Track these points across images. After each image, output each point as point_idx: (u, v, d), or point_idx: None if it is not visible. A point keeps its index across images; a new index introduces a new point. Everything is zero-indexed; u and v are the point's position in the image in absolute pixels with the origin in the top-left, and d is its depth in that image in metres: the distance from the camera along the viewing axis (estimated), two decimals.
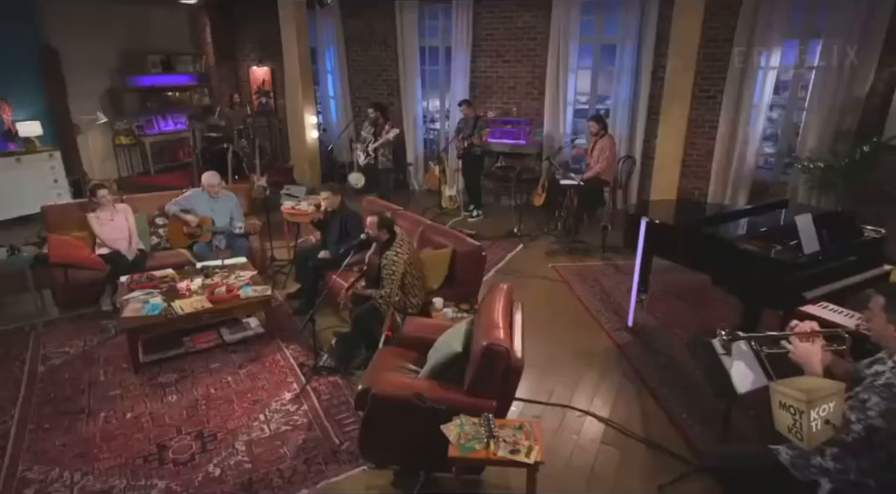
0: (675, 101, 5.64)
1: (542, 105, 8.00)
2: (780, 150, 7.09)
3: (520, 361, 2.74)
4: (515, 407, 3.44)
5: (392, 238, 3.83)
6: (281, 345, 4.32)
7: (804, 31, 6.51)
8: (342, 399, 3.63)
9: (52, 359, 4.14)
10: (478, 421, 2.63)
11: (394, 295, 3.64)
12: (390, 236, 3.84)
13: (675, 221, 4.43)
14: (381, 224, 3.82)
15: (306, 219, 5.62)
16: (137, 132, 9.31)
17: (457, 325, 3.22)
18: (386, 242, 3.84)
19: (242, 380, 3.86)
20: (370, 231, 3.89)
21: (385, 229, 3.83)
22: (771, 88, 6.76)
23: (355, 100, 9.43)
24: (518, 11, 7.83)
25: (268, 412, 3.51)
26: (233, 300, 4.22)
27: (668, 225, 4.23)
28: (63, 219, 5.18)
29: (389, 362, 3.29)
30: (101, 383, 3.84)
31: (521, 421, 2.69)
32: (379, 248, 3.92)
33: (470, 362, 2.82)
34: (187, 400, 3.64)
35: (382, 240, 3.85)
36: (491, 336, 2.76)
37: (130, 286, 4.40)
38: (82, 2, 8.32)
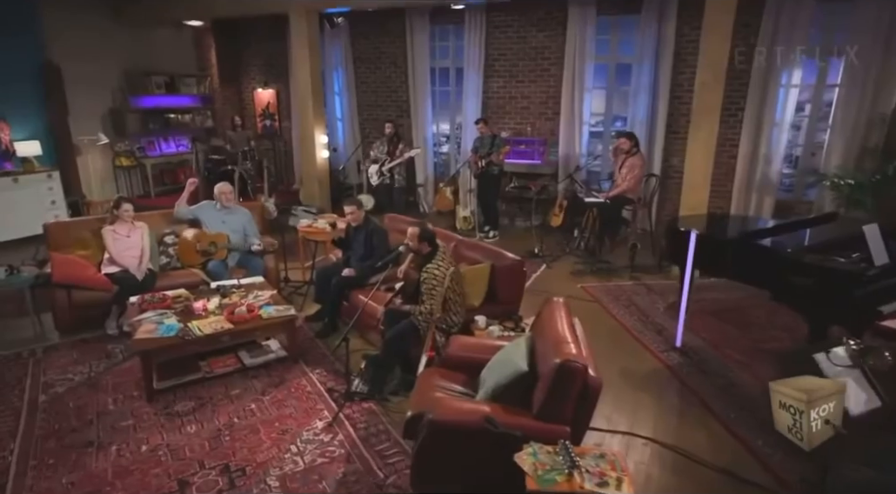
0: (704, 115, 5.49)
1: (555, 125, 7.87)
2: (803, 169, 6.97)
3: (597, 380, 2.47)
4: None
5: (434, 251, 3.56)
6: (305, 369, 3.99)
7: (824, 50, 6.46)
8: (380, 427, 3.30)
9: (55, 387, 3.78)
10: (552, 450, 2.33)
11: (436, 312, 3.35)
12: (432, 249, 3.57)
13: (730, 234, 4.20)
14: (423, 236, 3.55)
15: (325, 237, 5.35)
16: (139, 154, 9.04)
17: (513, 343, 2.94)
18: (427, 255, 3.57)
19: (267, 408, 3.52)
20: (410, 242, 3.62)
21: (426, 241, 3.56)
22: (793, 106, 6.68)
23: (363, 121, 9.27)
24: (531, 32, 7.77)
25: (300, 442, 3.17)
26: (254, 320, 3.91)
27: (720, 238, 4.01)
28: (67, 236, 4.86)
29: (436, 385, 2.99)
30: (111, 412, 3.49)
31: (600, 450, 2.39)
32: (418, 262, 3.65)
33: (539, 383, 2.53)
34: (208, 430, 3.30)
35: (423, 252, 3.58)
36: (563, 352, 2.48)
37: (142, 306, 4.07)
38: (87, 18, 8.15)
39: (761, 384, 3.52)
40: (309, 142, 7.62)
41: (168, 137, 9.54)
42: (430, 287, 3.42)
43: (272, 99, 9.99)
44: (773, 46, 6.46)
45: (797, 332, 4.48)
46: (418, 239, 3.56)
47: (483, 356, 3.12)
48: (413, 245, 3.60)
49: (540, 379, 2.53)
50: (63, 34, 7.80)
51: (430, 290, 3.42)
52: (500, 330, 3.55)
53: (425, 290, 3.44)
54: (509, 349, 2.90)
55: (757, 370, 3.86)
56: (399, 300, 3.79)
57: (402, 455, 3.05)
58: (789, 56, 6.47)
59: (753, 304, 4.98)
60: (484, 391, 2.72)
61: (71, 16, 7.93)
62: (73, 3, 7.94)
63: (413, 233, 3.57)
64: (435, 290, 3.40)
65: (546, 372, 2.47)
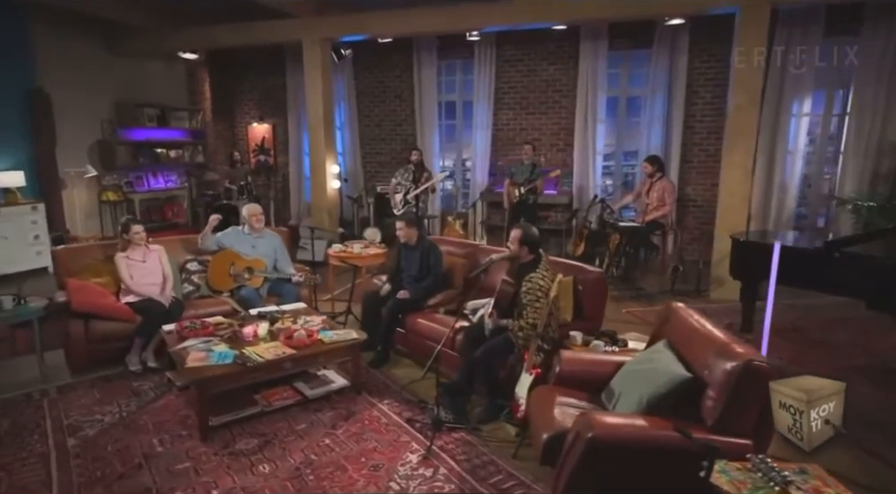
0: (739, 137, 5.52)
1: (567, 155, 7.86)
2: (817, 194, 7.11)
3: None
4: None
5: (537, 258, 3.27)
6: (371, 400, 3.56)
7: (832, 80, 6.73)
8: (484, 458, 2.91)
9: (83, 429, 3.22)
10: (742, 466, 2.04)
11: (541, 326, 3.03)
12: (535, 256, 3.27)
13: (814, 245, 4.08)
14: (526, 239, 3.25)
15: (363, 261, 4.99)
16: (126, 188, 8.49)
17: (647, 353, 2.66)
18: (529, 263, 3.27)
19: (345, 442, 3.08)
20: (511, 246, 3.31)
21: (528, 246, 3.27)
22: (805, 135, 6.87)
23: (366, 155, 9.05)
24: (542, 65, 7.84)
25: (398, 478, 2.74)
26: (315, 345, 3.49)
27: (804, 248, 3.89)
28: (78, 264, 4.34)
29: (558, 402, 2.66)
30: (160, 454, 2.97)
31: (799, 465, 2.10)
32: (514, 271, 3.34)
33: (709, 391, 2.24)
34: (285, 469, 2.83)
35: (524, 260, 3.29)
36: (735, 353, 2.23)
37: (182, 334, 3.59)
38: (80, 46, 7.76)
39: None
40: (320, 171, 7.32)
41: (157, 172, 9.04)
42: (535, 298, 3.10)
43: (268, 134, 9.68)
44: (784, 76, 6.68)
45: (871, 348, 4.40)
46: (519, 243, 3.26)
47: (602, 370, 2.83)
48: (513, 249, 3.30)
49: (710, 387, 2.24)
50: (55, 61, 7.38)
51: (533, 302, 3.10)
52: (605, 345, 3.25)
53: (528, 302, 3.12)
54: (645, 358, 2.63)
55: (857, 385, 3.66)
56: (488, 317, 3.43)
57: (522, 487, 2.67)
58: (799, 87, 6.70)
59: (814, 322, 4.88)
60: (635, 403, 2.40)
61: (63, 43, 7.54)
62: (67, 30, 7.56)
63: (515, 235, 3.28)
64: (539, 302, 3.09)
65: (720, 378, 2.19)
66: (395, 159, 8.88)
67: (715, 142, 7.24)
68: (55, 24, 7.39)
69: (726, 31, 6.60)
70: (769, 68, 6.68)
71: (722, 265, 5.79)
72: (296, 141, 9.34)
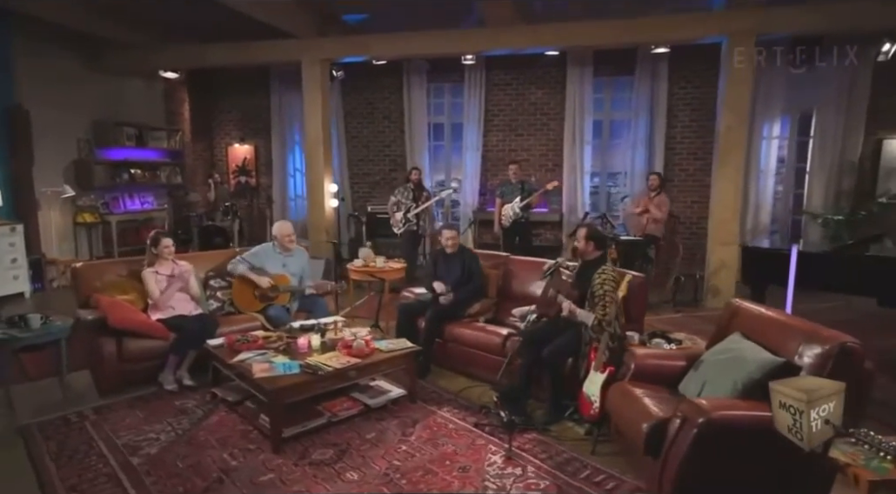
0: (730, 154, 5.96)
1: (556, 175, 8.15)
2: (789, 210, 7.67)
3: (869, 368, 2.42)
4: None
5: (603, 256, 3.43)
6: (429, 408, 3.58)
7: (798, 106, 7.38)
8: (565, 456, 2.99)
9: (142, 448, 3.07)
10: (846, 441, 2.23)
11: (612, 318, 3.17)
12: (601, 253, 3.43)
13: (825, 248, 4.45)
14: (591, 235, 3.41)
15: (388, 275, 5.01)
16: (103, 210, 8.12)
17: (725, 344, 2.84)
18: (596, 260, 3.43)
19: (422, 448, 3.08)
20: (578, 244, 3.45)
21: (594, 242, 3.43)
22: (775, 156, 7.46)
23: (354, 175, 9.06)
24: (531, 89, 8.17)
25: (490, 478, 2.77)
26: (375, 354, 3.49)
27: (817, 252, 4.24)
28: (100, 281, 4.15)
29: (643, 395, 2.78)
30: (237, 468, 2.87)
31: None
32: (581, 268, 3.48)
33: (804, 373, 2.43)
34: (373, 475, 2.81)
35: (590, 257, 3.44)
36: (825, 337, 2.44)
37: (235, 347, 3.50)
38: (60, 62, 7.46)
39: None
40: (317, 190, 7.29)
41: (132, 193, 8.70)
42: (610, 289, 3.23)
43: (249, 154, 9.54)
44: (755, 103, 7.26)
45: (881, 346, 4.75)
46: (585, 239, 3.41)
47: (674, 363, 3.00)
48: (581, 247, 3.44)
49: (804, 369, 2.43)
50: (34, 76, 7.06)
51: (605, 294, 3.22)
52: (667, 343, 3.43)
53: (602, 294, 3.23)
54: (724, 349, 2.80)
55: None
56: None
57: (614, 480, 2.76)
58: (768, 112, 7.31)
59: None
60: (728, 389, 2.55)
61: (43, 58, 7.23)
62: (47, 44, 7.26)
63: (581, 233, 3.43)
64: (614, 294, 3.21)
65: (816, 360, 2.40)
66: (384, 179, 8.96)
67: (694, 162, 7.75)
68: (36, 38, 7.10)
69: (703, 59, 7.19)
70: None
71: (717, 275, 6.18)
72: (280, 161, 9.24)
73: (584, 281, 3.43)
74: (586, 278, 3.41)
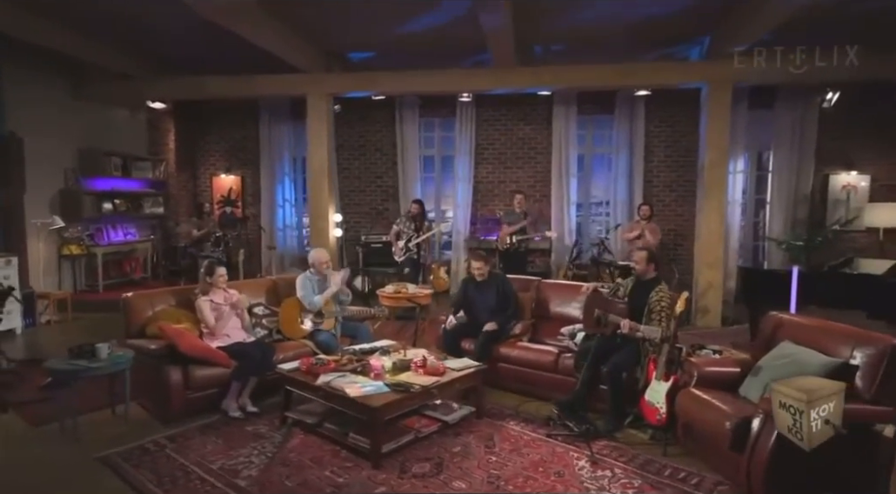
0: (714, 187, 6.64)
1: (544, 205, 8.65)
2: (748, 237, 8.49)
3: None
4: None
5: (658, 276, 3.83)
6: (496, 423, 3.80)
7: (756, 144, 8.27)
8: (642, 458, 3.29)
9: (241, 471, 3.12)
10: None
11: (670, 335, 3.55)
12: (657, 273, 3.83)
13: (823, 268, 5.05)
14: (652, 258, 3.82)
15: (422, 301, 5.22)
16: (88, 241, 7.85)
17: (777, 351, 3.25)
18: (652, 280, 3.83)
19: (510, 458, 3.30)
20: (638, 266, 3.85)
21: (653, 264, 3.83)
22: (740, 188, 8.28)
23: (345, 206, 9.20)
24: (519, 125, 8.70)
25: (587, 480, 3.04)
26: (448, 372, 3.69)
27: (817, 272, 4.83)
28: (151, 310, 4.16)
29: (712, 398, 3.15)
30: (345, 484, 2.99)
31: None
32: (638, 287, 3.85)
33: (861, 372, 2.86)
34: (478, 483, 3.01)
35: (648, 277, 3.83)
36: (877, 339, 2.90)
37: (312, 370, 3.62)
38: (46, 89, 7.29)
39: None
40: (322, 219, 7.42)
41: (116, 225, 8.46)
42: (667, 305, 3.62)
43: (235, 185, 9.50)
44: None
45: None
46: (646, 261, 3.81)
47: (731, 369, 3.40)
48: (640, 268, 3.83)
49: (861, 369, 2.87)
50: (22, 104, 6.84)
51: (663, 310, 3.62)
52: (712, 353, 3.84)
53: (660, 310, 3.63)
54: (779, 355, 3.21)
55: None
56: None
57: (697, 476, 3.08)
58: (733, 149, 8.13)
59: None
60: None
61: (31, 85, 7.05)
62: (35, 72, 7.10)
63: (641, 256, 3.83)
64: (671, 310, 3.60)
65: (871, 360, 2.83)
66: (375, 210, 9.17)
67: (670, 193, 8.46)
68: (24, 66, 6.94)
69: (677, 102, 7.97)
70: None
71: (706, 296, 6.77)
72: (269, 192, 9.27)
73: (637, 298, 3.82)
74: (641, 296, 3.80)
